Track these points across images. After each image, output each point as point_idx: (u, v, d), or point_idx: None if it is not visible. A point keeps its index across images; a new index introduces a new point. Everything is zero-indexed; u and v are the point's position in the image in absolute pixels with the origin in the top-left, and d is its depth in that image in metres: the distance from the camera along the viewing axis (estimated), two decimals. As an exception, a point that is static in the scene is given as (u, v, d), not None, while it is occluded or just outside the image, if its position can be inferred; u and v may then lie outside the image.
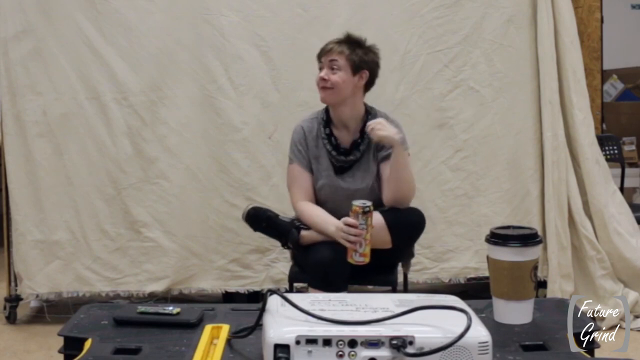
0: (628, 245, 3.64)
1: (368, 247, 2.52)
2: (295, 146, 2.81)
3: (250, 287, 3.67)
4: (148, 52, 3.58)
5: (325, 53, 2.77)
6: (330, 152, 2.78)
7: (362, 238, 2.50)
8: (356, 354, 1.32)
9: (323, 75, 2.74)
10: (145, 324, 1.67)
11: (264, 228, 2.81)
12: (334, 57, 2.74)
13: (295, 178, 2.80)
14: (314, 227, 2.70)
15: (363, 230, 2.49)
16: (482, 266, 3.60)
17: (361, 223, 2.48)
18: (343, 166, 2.78)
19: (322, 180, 2.78)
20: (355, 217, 2.49)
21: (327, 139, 2.79)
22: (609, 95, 6.19)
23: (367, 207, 2.48)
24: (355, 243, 2.51)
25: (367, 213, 2.48)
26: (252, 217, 2.80)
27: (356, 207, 2.49)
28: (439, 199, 3.64)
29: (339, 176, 2.78)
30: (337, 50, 2.74)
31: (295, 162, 2.80)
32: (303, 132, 2.82)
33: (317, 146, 2.80)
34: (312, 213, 2.72)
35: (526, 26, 3.66)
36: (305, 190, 2.78)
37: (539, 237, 1.70)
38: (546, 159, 3.62)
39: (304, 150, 2.80)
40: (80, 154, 3.61)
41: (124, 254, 3.63)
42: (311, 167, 2.80)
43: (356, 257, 2.53)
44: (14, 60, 3.57)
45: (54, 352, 1.79)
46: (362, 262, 2.53)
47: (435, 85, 3.64)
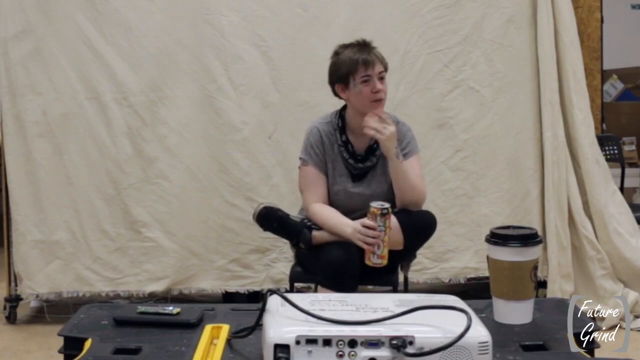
0: (628, 245, 3.64)
1: (386, 249, 2.51)
2: (312, 148, 2.77)
3: (250, 287, 3.67)
4: (148, 52, 3.58)
5: (371, 65, 2.69)
6: (347, 160, 2.77)
7: (380, 240, 2.49)
8: (356, 354, 1.32)
9: (381, 87, 2.70)
10: (145, 324, 1.67)
11: (274, 228, 2.79)
12: (381, 68, 2.72)
13: (311, 181, 2.77)
14: (329, 228, 2.68)
15: (381, 232, 2.48)
16: (482, 266, 3.60)
17: (379, 225, 2.47)
18: (360, 173, 2.78)
19: (338, 185, 2.77)
20: (373, 219, 2.48)
21: (343, 147, 2.77)
22: (609, 95, 6.19)
23: (385, 208, 2.47)
24: (373, 245, 2.50)
25: (386, 215, 2.48)
26: (263, 217, 2.78)
27: (374, 208, 2.48)
28: (439, 199, 3.64)
29: (356, 183, 2.78)
30: (379, 61, 2.72)
31: (310, 164, 2.77)
32: (320, 134, 2.78)
33: (334, 151, 2.78)
34: (327, 215, 2.70)
35: (526, 26, 3.66)
36: (320, 193, 2.76)
37: (539, 237, 1.70)
38: (546, 159, 3.62)
39: (321, 153, 2.77)
40: (80, 154, 3.61)
41: (124, 254, 3.63)
42: (327, 170, 2.78)
43: (374, 259, 2.52)
44: (14, 60, 3.57)
45: (54, 352, 1.79)
46: (379, 265, 2.53)
47: (435, 85, 3.65)
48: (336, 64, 2.76)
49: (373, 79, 2.70)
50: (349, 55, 2.72)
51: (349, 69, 2.71)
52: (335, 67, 2.77)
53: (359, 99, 2.71)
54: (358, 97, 2.71)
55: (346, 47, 2.77)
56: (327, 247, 2.63)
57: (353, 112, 2.77)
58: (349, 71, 2.70)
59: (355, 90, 2.70)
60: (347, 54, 2.73)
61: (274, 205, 2.85)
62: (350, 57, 2.71)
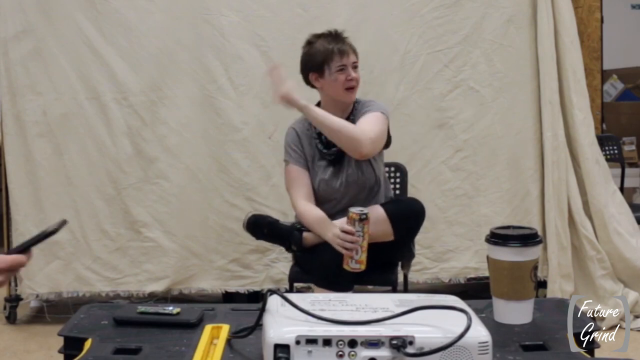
0: (628, 245, 3.64)
1: (364, 254, 2.52)
2: (290, 147, 2.83)
3: (250, 287, 3.67)
4: (148, 52, 3.58)
5: (345, 54, 2.75)
6: (321, 151, 2.80)
7: (358, 245, 2.50)
8: (356, 354, 1.32)
9: (355, 76, 2.75)
10: (145, 324, 1.67)
11: (265, 235, 2.81)
12: (355, 58, 2.78)
13: (294, 179, 2.80)
14: (314, 231, 2.71)
15: (359, 238, 2.49)
16: (482, 266, 3.60)
17: (357, 230, 2.49)
18: (336, 159, 2.79)
19: (318, 176, 2.80)
20: (351, 224, 2.49)
21: (317, 139, 2.81)
22: (609, 95, 6.19)
23: (364, 214, 2.49)
24: (352, 250, 2.51)
25: (364, 220, 2.49)
26: (252, 225, 2.80)
27: (353, 214, 2.49)
28: (439, 199, 3.64)
29: (335, 168, 2.79)
30: (352, 50, 2.78)
31: (291, 162, 2.81)
32: (296, 133, 2.84)
33: (311, 145, 2.82)
34: (311, 216, 2.72)
35: (526, 26, 3.66)
36: (304, 189, 2.79)
37: (539, 237, 1.69)
38: (546, 159, 3.62)
39: (300, 150, 2.82)
40: (80, 154, 3.61)
41: (124, 254, 3.63)
42: (308, 166, 2.81)
43: (352, 264, 2.53)
44: (14, 60, 3.57)
45: (54, 352, 1.79)
46: (357, 269, 2.54)
47: (435, 85, 3.65)
48: (310, 53, 2.80)
49: (348, 68, 2.74)
50: (324, 44, 2.77)
51: (324, 57, 2.75)
52: (309, 56, 2.81)
53: (333, 86, 2.75)
54: (333, 85, 2.75)
55: (319, 37, 2.81)
56: (320, 248, 2.65)
57: (325, 100, 2.81)
58: (324, 60, 2.75)
59: (330, 78, 2.75)
60: (321, 44, 2.77)
61: (261, 213, 2.89)
62: (325, 46, 2.76)
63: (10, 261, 1.44)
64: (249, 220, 2.82)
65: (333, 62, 2.74)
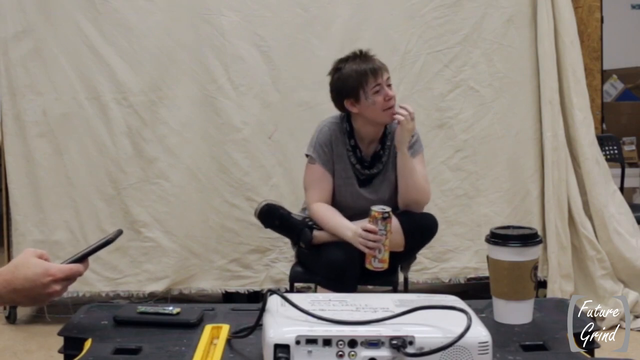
0: (628, 245, 3.64)
1: (387, 252, 2.51)
2: (321, 147, 2.75)
3: (250, 287, 3.67)
4: (148, 52, 3.58)
5: (379, 74, 2.66)
6: (354, 165, 2.76)
7: (381, 244, 2.49)
8: (356, 354, 1.32)
9: (393, 94, 2.68)
10: (145, 324, 1.66)
11: (276, 226, 2.79)
12: (387, 75, 2.70)
13: (317, 179, 2.75)
14: (329, 229, 2.68)
15: (382, 236, 2.48)
16: (482, 266, 3.60)
17: (380, 229, 2.47)
18: (366, 179, 2.78)
19: (346, 187, 2.76)
20: (374, 223, 2.47)
21: (352, 151, 2.76)
22: (609, 95, 6.18)
23: (386, 212, 2.47)
24: (374, 249, 2.50)
25: (387, 219, 2.47)
26: (265, 214, 2.78)
27: (376, 212, 2.47)
28: (439, 199, 3.64)
29: (362, 188, 2.77)
30: (383, 67, 2.70)
31: (318, 162, 2.74)
32: (329, 134, 2.75)
33: (341, 154, 2.76)
34: (328, 216, 2.69)
35: (526, 26, 3.66)
36: (324, 193, 2.74)
37: (539, 237, 1.69)
38: (546, 159, 3.62)
39: (329, 152, 2.75)
40: (80, 154, 3.61)
41: (124, 254, 3.63)
42: (333, 170, 2.76)
43: (375, 263, 2.51)
44: (14, 60, 3.57)
45: (54, 352, 1.78)
46: (380, 268, 2.53)
47: (435, 85, 3.65)
48: (341, 79, 2.70)
49: (383, 87, 2.66)
50: (354, 68, 2.67)
51: (357, 82, 2.65)
52: (341, 82, 2.70)
53: (372, 110, 2.67)
54: (371, 109, 2.66)
55: (346, 61, 2.72)
56: (328, 247, 2.63)
57: (362, 121, 2.73)
58: (358, 84, 2.65)
59: (367, 102, 2.66)
60: (350, 67, 2.68)
61: (276, 202, 2.85)
62: (356, 69, 2.66)
63: (67, 271, 1.46)
64: (262, 208, 2.78)
65: (367, 85, 2.64)
